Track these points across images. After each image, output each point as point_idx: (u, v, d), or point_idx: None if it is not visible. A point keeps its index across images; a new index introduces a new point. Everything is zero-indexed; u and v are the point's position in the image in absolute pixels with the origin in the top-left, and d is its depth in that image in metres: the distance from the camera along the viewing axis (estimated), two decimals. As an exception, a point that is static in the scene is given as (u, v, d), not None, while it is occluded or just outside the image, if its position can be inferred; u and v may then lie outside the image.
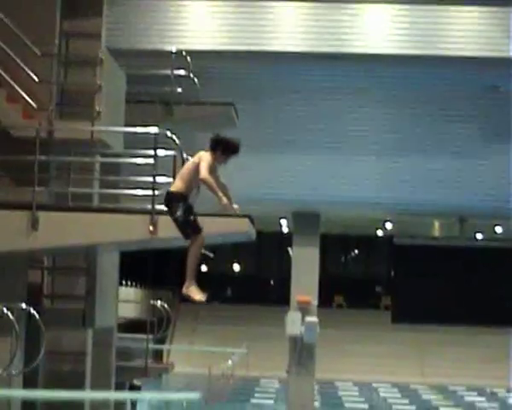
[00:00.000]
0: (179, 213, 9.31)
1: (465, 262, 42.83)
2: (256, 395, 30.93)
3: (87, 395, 10.89)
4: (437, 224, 42.55)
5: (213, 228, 9.98)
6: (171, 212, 9.30)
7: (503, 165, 19.55)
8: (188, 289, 9.66)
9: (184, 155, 10.04)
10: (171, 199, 9.43)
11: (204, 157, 9.72)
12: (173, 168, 10.05)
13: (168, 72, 14.82)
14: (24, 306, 9.40)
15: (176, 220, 9.30)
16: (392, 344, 39.91)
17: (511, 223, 31.58)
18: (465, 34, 18.42)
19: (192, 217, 9.36)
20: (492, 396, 32.35)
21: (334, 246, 50.91)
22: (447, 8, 18.42)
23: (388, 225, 38.95)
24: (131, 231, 9.93)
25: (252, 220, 9.95)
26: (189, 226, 9.44)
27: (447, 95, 19.42)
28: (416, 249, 44.27)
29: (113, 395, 13.44)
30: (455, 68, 18.76)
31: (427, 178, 19.54)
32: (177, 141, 10.20)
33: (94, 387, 12.70)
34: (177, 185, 9.45)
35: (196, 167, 9.49)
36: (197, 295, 9.73)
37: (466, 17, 18.44)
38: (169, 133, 10.33)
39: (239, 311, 47.35)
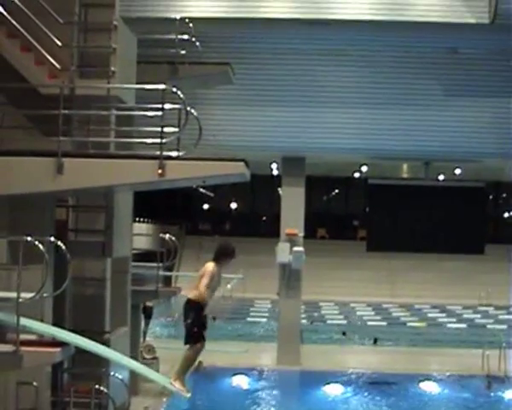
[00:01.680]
0: (189, 321, 9.84)
1: (429, 199, 43.08)
2: (251, 314, 31.20)
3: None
4: (405, 166, 42.60)
5: (214, 170, 10.00)
6: (184, 317, 9.74)
7: (462, 116, 19.54)
8: (174, 382, 9.98)
9: (188, 108, 10.00)
10: (188, 306, 9.91)
11: (207, 269, 10.74)
12: (178, 119, 10.03)
13: (173, 36, 14.74)
14: (52, 239, 9.41)
15: (185, 326, 9.75)
16: (367, 270, 40.20)
17: (468, 166, 31.59)
18: (430, 2, 18.30)
19: (196, 329, 9.77)
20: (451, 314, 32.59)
21: (317, 186, 50.99)
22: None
23: (364, 168, 38.93)
24: (143, 174, 9.93)
25: (247, 164, 9.94)
26: (191, 336, 9.87)
27: (414, 55, 19.37)
28: (388, 188, 44.51)
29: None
30: (421, 32, 18.68)
31: (397, 128, 19.52)
32: (182, 96, 10.16)
33: (113, 308, 12.80)
34: (195, 294, 9.92)
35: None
36: (182, 390, 10.01)
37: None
38: (174, 89, 10.29)
39: (236, 242, 47.42)
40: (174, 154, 9.90)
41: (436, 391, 18.46)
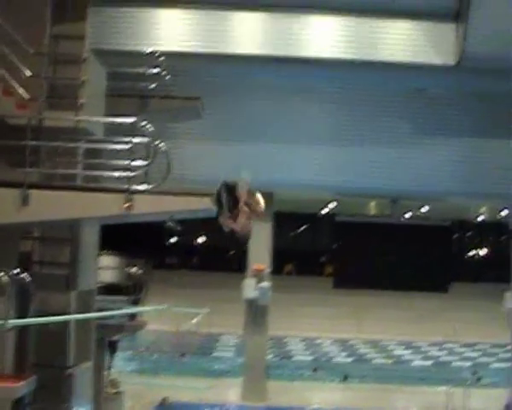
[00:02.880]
0: None
1: (395, 237, 43.20)
2: (217, 349, 30.93)
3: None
4: (372, 204, 42.78)
5: (182, 205, 9.91)
6: None
7: (428, 155, 19.68)
8: None
9: (156, 142, 9.92)
10: None
11: None
12: (147, 153, 9.95)
13: (144, 70, 14.67)
14: (16, 271, 9.23)
15: None
16: (333, 306, 40.11)
17: (434, 204, 31.77)
18: (398, 43, 18.46)
19: None
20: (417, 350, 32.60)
21: (285, 222, 50.94)
22: (384, 21, 18.45)
23: (331, 205, 39.02)
24: (110, 207, 9.80)
25: (213, 198, 9.86)
26: None
27: (382, 94, 19.51)
28: (355, 226, 44.59)
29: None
30: (389, 72, 18.82)
31: (365, 165, 19.59)
32: (151, 129, 10.08)
33: (77, 342, 12.56)
34: None
35: None
36: None
37: (400, 28, 18.49)
38: (143, 123, 10.21)
39: (203, 277, 47.29)
40: (142, 188, 9.80)
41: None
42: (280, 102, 19.38)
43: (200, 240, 59.97)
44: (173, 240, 59.58)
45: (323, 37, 18.35)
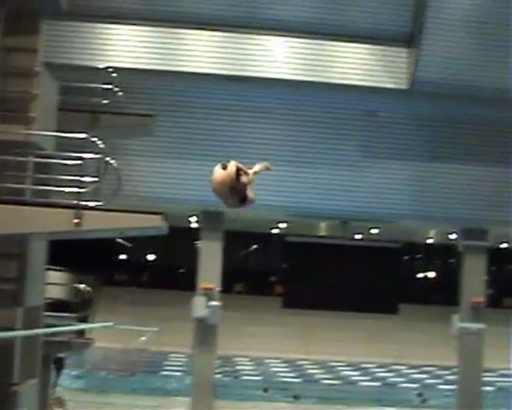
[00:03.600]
0: None
1: (346, 258, 43.36)
2: (166, 367, 30.73)
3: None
4: (323, 225, 42.93)
5: (131, 222, 9.85)
6: None
7: (379, 177, 19.85)
8: None
9: (107, 158, 9.88)
10: None
11: None
12: (97, 169, 9.90)
13: (97, 85, 14.58)
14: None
15: None
16: (282, 326, 40.12)
17: (385, 226, 31.95)
18: (351, 65, 18.67)
19: None
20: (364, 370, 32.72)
21: (235, 241, 50.92)
22: (337, 44, 18.65)
23: (282, 225, 39.08)
24: (59, 223, 9.73)
25: (165, 217, 9.83)
26: None
27: (334, 116, 19.68)
28: (305, 246, 44.58)
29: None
30: (341, 94, 18.99)
31: (316, 187, 19.71)
32: (102, 145, 10.02)
33: (22, 359, 12.39)
34: None
35: None
36: None
37: (352, 52, 18.70)
38: (94, 139, 10.15)
39: (153, 294, 46.98)
40: (92, 204, 9.74)
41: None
42: (232, 122, 19.42)
43: (151, 257, 59.64)
44: (123, 257, 59.16)
45: (277, 57, 18.49)
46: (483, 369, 21.97)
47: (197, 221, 29.83)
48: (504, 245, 59.37)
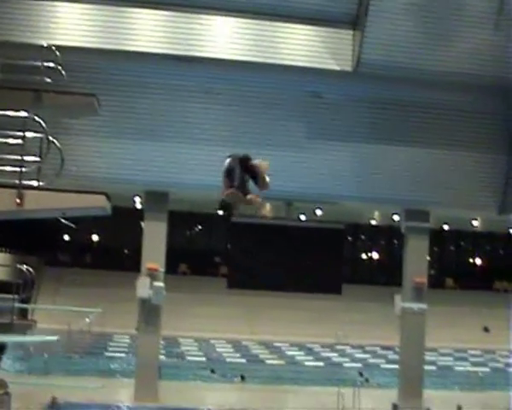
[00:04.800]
0: None
1: (290, 239, 43.60)
2: (110, 348, 30.59)
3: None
4: (268, 206, 43.09)
5: (74, 202, 9.76)
6: None
7: (323, 159, 19.96)
8: None
9: (50, 138, 9.74)
10: None
11: None
12: (40, 148, 9.77)
13: (39, 63, 14.35)
14: None
15: None
16: (227, 306, 40.23)
17: (329, 207, 32.16)
18: (297, 47, 18.68)
19: None
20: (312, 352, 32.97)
21: (180, 222, 50.83)
22: (283, 25, 18.63)
23: (228, 206, 39.08)
24: (0, 202, 9.57)
25: (108, 197, 9.75)
26: None
27: (280, 97, 19.69)
28: (250, 227, 44.77)
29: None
30: (287, 75, 19.01)
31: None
32: (44, 124, 9.88)
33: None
34: None
35: None
36: None
37: (298, 33, 18.71)
38: (36, 117, 10.00)
39: (97, 275, 46.67)
40: (34, 184, 9.61)
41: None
42: (177, 102, 19.33)
43: (95, 238, 59.21)
44: (67, 237, 58.59)
45: (222, 37, 18.42)
46: (425, 348, 22.32)
47: (141, 202, 29.74)
48: (446, 227, 60.37)
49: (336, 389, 19.71)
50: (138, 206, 33.41)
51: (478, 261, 71.91)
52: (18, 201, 9.33)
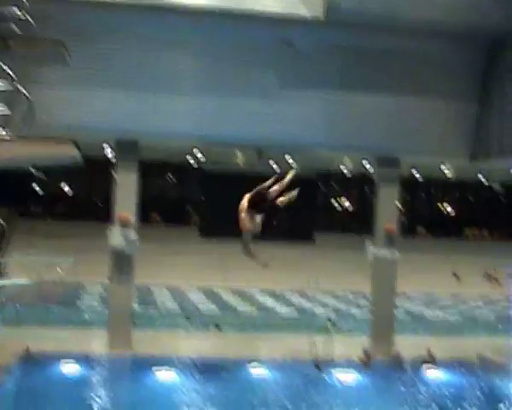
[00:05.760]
0: None
1: (262, 187, 43.74)
2: (83, 298, 30.63)
3: None
4: (239, 154, 43.11)
5: (43, 152, 9.71)
6: None
7: (295, 107, 19.95)
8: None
9: (19, 86, 9.65)
10: None
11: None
12: (8, 98, 9.67)
13: (5, 9, 14.13)
14: None
15: None
16: (199, 255, 40.41)
17: (300, 156, 32.24)
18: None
19: None
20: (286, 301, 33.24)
21: (152, 171, 50.79)
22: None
23: (199, 155, 39.10)
24: (-31, 153, 9.51)
25: (77, 146, 9.71)
26: None
27: (251, 46, 19.59)
28: (222, 176, 44.91)
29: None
30: (257, 23, 18.89)
31: (231, 115, 19.71)
32: (13, 74, 9.78)
33: None
34: None
35: None
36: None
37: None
38: (5, 66, 9.90)
39: (69, 226, 46.56)
40: (3, 133, 9.55)
41: (267, 376, 18.85)
42: (148, 52, 19.20)
43: (67, 189, 58.96)
44: (39, 189, 58.33)
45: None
46: (396, 295, 22.60)
47: (112, 152, 29.60)
48: (418, 176, 60.73)
49: (308, 336, 19.97)
50: (110, 156, 33.24)
51: (449, 209, 72.61)
52: (-13, 150, 9.28)
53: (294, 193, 10.61)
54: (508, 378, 19.05)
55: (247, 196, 11.00)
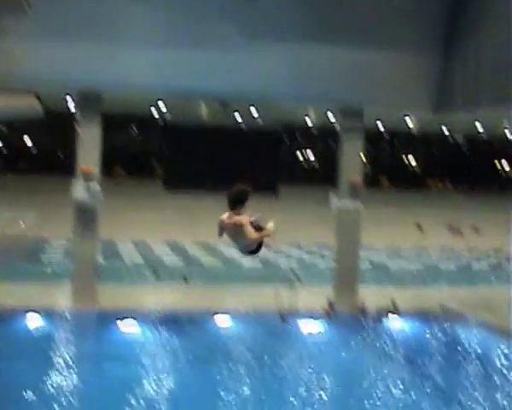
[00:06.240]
0: None
1: (227, 141, 43.72)
2: (46, 253, 30.49)
3: None
4: (204, 107, 42.89)
5: (2, 103, 9.55)
6: None
7: (259, 58, 19.88)
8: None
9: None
10: None
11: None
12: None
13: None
14: None
15: None
16: (164, 209, 40.38)
17: (266, 110, 32.15)
18: None
19: None
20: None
21: (116, 124, 50.35)
22: None
23: (163, 108, 38.84)
24: None
25: (39, 98, 9.56)
26: None
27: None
28: (186, 129, 44.73)
29: None
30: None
31: (194, 67, 19.60)
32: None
33: None
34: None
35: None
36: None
37: None
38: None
39: (32, 181, 46.19)
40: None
41: (232, 327, 18.97)
42: (109, 2, 18.95)
43: (29, 142, 58.37)
44: (0, 143, 57.71)
45: None
46: (360, 246, 22.77)
47: (74, 105, 29.26)
48: (382, 128, 60.94)
49: (273, 287, 20.12)
50: (72, 109, 32.87)
51: (413, 162, 73.09)
52: None
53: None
54: (469, 327, 19.36)
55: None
